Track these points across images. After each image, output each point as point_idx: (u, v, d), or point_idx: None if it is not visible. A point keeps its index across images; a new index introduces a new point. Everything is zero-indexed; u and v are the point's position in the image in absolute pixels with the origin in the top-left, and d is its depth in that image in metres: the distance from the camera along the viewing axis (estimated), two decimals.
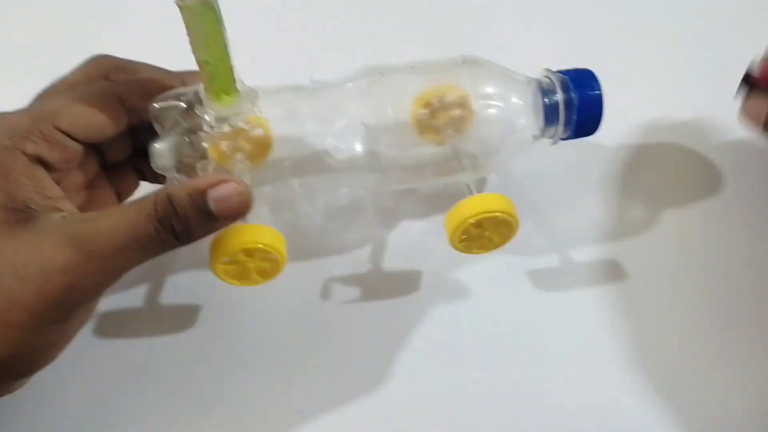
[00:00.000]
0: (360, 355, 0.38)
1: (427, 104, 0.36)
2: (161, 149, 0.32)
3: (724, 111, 0.44)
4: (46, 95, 0.34)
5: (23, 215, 0.28)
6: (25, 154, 0.29)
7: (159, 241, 0.29)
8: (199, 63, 0.30)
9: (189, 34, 0.28)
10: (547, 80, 0.37)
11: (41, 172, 0.30)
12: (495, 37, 0.48)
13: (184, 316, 0.39)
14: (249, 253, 0.33)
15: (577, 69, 0.37)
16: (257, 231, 0.32)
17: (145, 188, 0.39)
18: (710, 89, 0.46)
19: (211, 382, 0.37)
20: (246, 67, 0.32)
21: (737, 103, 0.39)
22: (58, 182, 0.31)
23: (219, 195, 0.29)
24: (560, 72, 0.37)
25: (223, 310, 0.40)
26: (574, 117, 0.36)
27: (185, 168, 0.33)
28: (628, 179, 0.44)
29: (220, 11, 0.28)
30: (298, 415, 0.36)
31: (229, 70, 0.30)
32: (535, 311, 0.39)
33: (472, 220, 0.34)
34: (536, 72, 0.38)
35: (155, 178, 0.37)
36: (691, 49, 0.49)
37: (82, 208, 0.32)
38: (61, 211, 0.29)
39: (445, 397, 0.37)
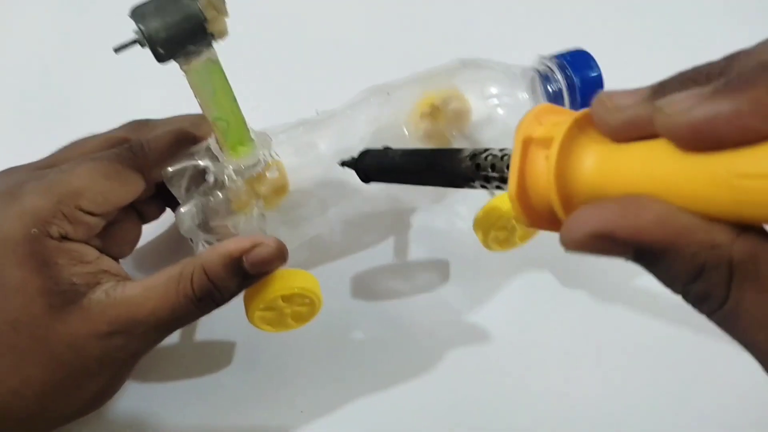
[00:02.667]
0: (361, 356, 0.38)
1: (426, 111, 0.36)
2: (186, 214, 0.32)
3: None
4: (70, 151, 0.34)
5: (70, 295, 0.29)
6: (52, 238, 0.30)
7: (198, 314, 0.30)
8: (211, 121, 0.29)
9: (197, 95, 0.28)
10: (544, 67, 0.37)
11: (71, 245, 0.30)
12: (483, 32, 0.49)
13: None
14: (286, 299, 0.33)
15: (571, 51, 0.37)
16: (292, 276, 0.32)
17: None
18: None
19: (211, 381, 0.37)
20: (251, 112, 0.32)
21: None
22: None
23: (256, 259, 0.30)
24: (555, 57, 0.37)
25: (224, 311, 0.38)
26: (579, 98, 0.36)
27: (211, 228, 0.33)
28: None
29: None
30: (298, 415, 0.36)
31: (242, 121, 0.30)
32: (547, 318, 0.39)
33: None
34: (529, 60, 0.38)
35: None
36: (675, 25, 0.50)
37: (105, 235, 0.33)
38: (102, 276, 0.30)
39: (445, 400, 0.37)
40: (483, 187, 0.26)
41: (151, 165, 0.33)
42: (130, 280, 0.31)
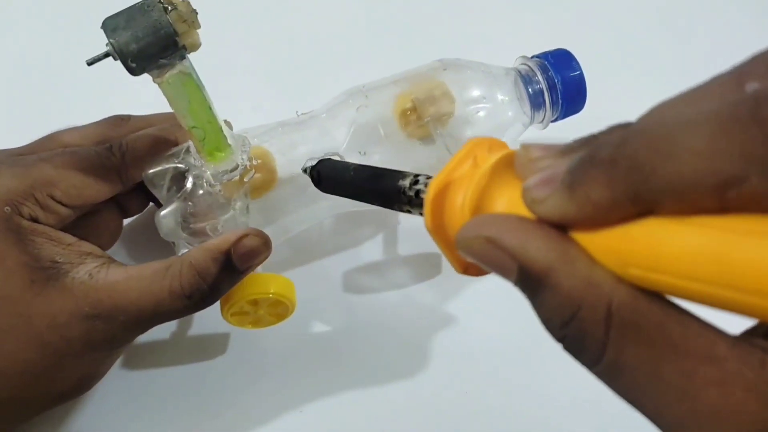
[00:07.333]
0: (360, 355, 0.38)
1: (409, 102, 0.36)
2: (165, 218, 0.32)
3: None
4: (50, 141, 0.34)
5: (52, 272, 0.29)
6: (23, 217, 0.30)
7: (187, 311, 0.30)
8: (186, 129, 0.29)
9: (173, 106, 0.28)
10: (525, 67, 0.37)
11: (45, 228, 0.30)
12: (465, 33, 0.48)
13: (184, 317, 0.39)
14: (255, 303, 0.33)
15: (552, 51, 0.37)
16: (263, 281, 0.33)
17: None
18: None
19: (210, 381, 0.37)
20: (232, 113, 0.33)
21: None
22: None
23: (243, 250, 0.30)
24: (536, 57, 0.37)
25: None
26: (560, 98, 0.36)
27: (192, 230, 0.33)
28: None
29: (197, 76, 0.28)
30: (298, 415, 0.36)
31: (218, 129, 0.30)
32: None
33: None
34: (510, 60, 0.38)
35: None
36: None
37: (82, 225, 0.33)
38: (86, 257, 0.30)
39: (445, 398, 0.37)
40: (408, 212, 0.26)
41: (128, 166, 0.33)
42: (115, 263, 0.31)
